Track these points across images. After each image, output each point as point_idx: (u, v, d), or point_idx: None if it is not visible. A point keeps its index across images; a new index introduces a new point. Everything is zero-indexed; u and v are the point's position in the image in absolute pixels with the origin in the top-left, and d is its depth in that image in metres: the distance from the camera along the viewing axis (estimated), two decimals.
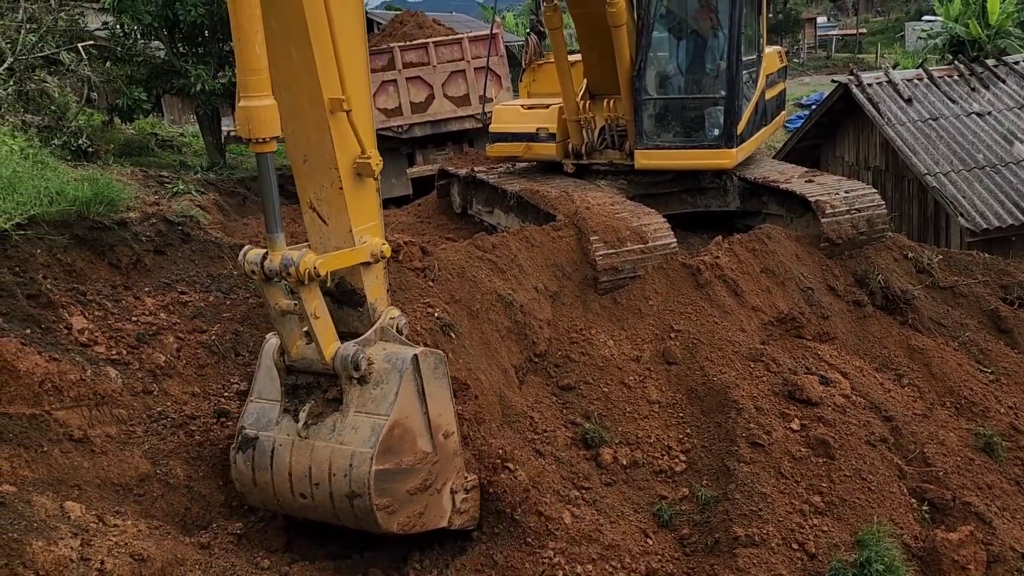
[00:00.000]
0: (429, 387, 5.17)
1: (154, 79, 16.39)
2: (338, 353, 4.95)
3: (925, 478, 6.99)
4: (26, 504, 4.55)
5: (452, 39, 15.92)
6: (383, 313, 5.37)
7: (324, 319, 4.91)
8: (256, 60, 4.18)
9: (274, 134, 4.32)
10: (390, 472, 4.94)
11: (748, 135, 10.11)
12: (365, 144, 4.96)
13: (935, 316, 8.98)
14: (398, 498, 5.03)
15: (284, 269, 4.55)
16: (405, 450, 5.08)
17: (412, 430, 5.12)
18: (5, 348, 5.38)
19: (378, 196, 5.33)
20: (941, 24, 27.33)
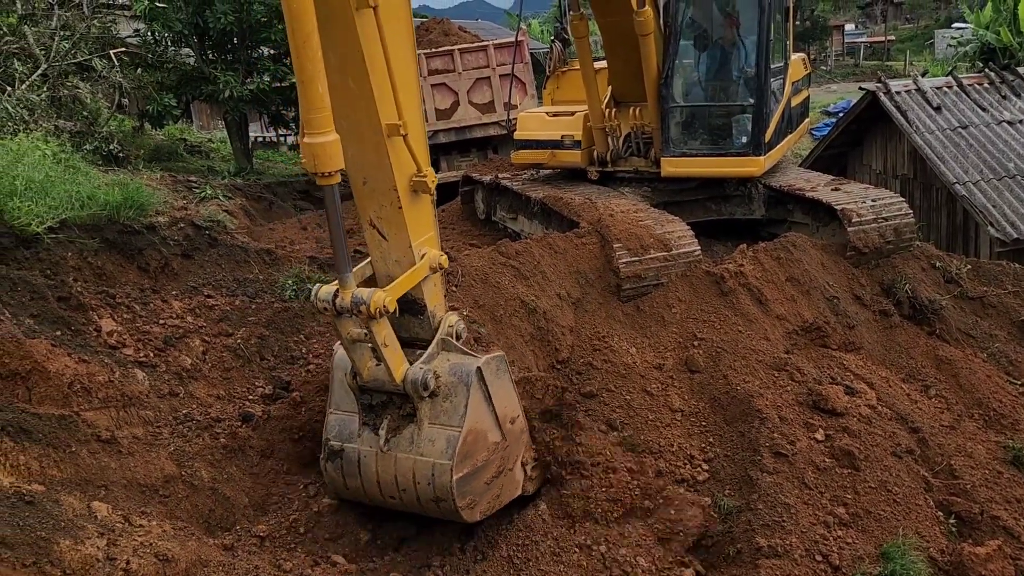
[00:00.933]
0: (493, 388, 5.50)
1: (184, 85, 16.63)
2: (408, 376, 5.21)
3: (952, 491, 6.89)
4: (54, 503, 4.62)
5: (477, 46, 16.00)
6: (442, 319, 5.56)
7: (393, 346, 5.16)
8: (319, 99, 4.34)
9: (338, 167, 4.51)
10: (468, 475, 5.35)
11: (775, 143, 10.07)
12: (421, 163, 5.14)
13: (963, 327, 8.86)
14: (478, 492, 5.46)
15: (355, 307, 4.83)
16: (479, 450, 5.46)
17: (484, 431, 5.49)
18: (36, 349, 5.48)
19: (433, 208, 5.49)
20: (971, 31, 27.00)
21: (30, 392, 5.38)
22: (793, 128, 11.14)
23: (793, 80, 10.87)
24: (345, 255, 4.87)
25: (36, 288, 6.20)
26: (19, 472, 4.87)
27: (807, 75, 12.39)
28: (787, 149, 11.15)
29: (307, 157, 4.47)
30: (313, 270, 7.68)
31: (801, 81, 11.78)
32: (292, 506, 5.89)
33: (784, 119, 10.42)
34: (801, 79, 11.72)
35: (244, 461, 5.94)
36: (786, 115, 10.50)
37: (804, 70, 12.07)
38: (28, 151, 7.73)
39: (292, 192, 16.92)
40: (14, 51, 13.00)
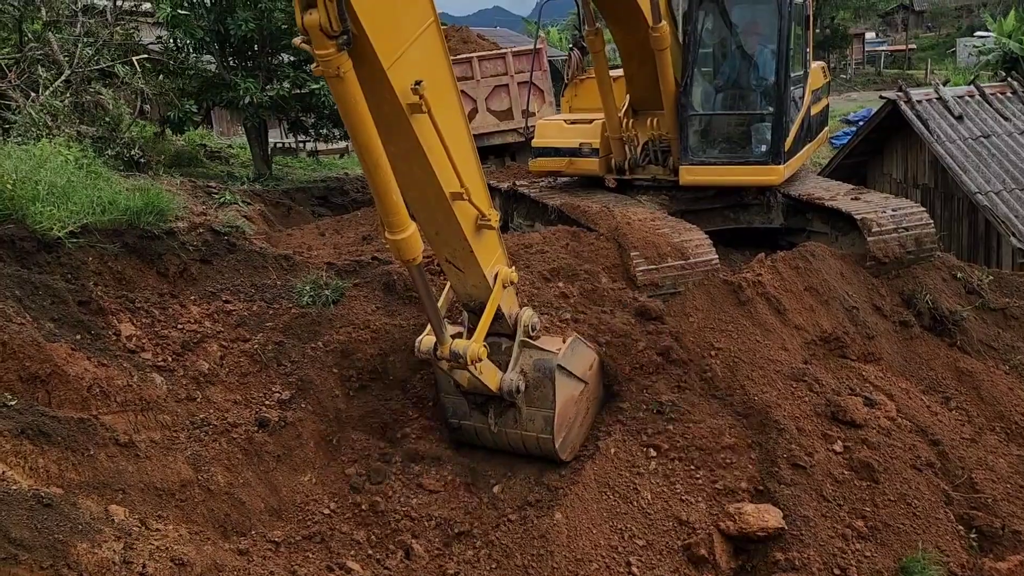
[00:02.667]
0: (572, 364, 6.61)
1: (204, 92, 16.77)
2: (503, 387, 6.28)
3: (973, 505, 6.79)
4: (72, 506, 4.65)
5: (496, 54, 16.05)
6: (518, 316, 6.40)
7: (488, 371, 6.14)
8: (395, 206, 4.92)
9: (419, 253, 5.17)
10: (565, 436, 6.59)
11: (795, 151, 10.01)
12: (484, 211, 5.74)
13: (985, 338, 8.76)
14: (573, 439, 6.71)
15: (455, 359, 5.84)
16: (569, 412, 6.63)
17: (571, 396, 6.63)
18: (56, 353, 5.53)
19: (498, 233, 6.15)
20: (994, 40, 26.78)
21: (50, 395, 5.43)
22: (813, 137, 11.08)
23: (813, 89, 10.81)
24: (441, 323, 5.79)
25: (57, 292, 6.26)
26: (38, 475, 4.91)
27: (827, 84, 12.32)
28: (807, 158, 11.08)
29: (393, 251, 5.15)
30: (331, 276, 7.69)
31: (821, 90, 11.71)
32: (308, 511, 5.90)
33: (804, 128, 10.36)
34: (821, 88, 11.66)
35: (260, 466, 5.95)
36: (806, 124, 10.44)
37: (824, 79, 12.01)
38: (51, 156, 7.82)
39: (310, 198, 17.01)
40: (38, 57, 13.17)
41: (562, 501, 6.15)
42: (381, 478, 6.28)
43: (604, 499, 6.25)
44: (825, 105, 12.23)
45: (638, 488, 6.36)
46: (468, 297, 6.20)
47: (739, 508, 6.23)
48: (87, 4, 14.82)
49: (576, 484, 6.27)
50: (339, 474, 6.26)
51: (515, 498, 6.30)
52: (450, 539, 5.96)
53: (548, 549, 5.82)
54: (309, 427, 6.37)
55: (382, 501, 6.08)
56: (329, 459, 6.34)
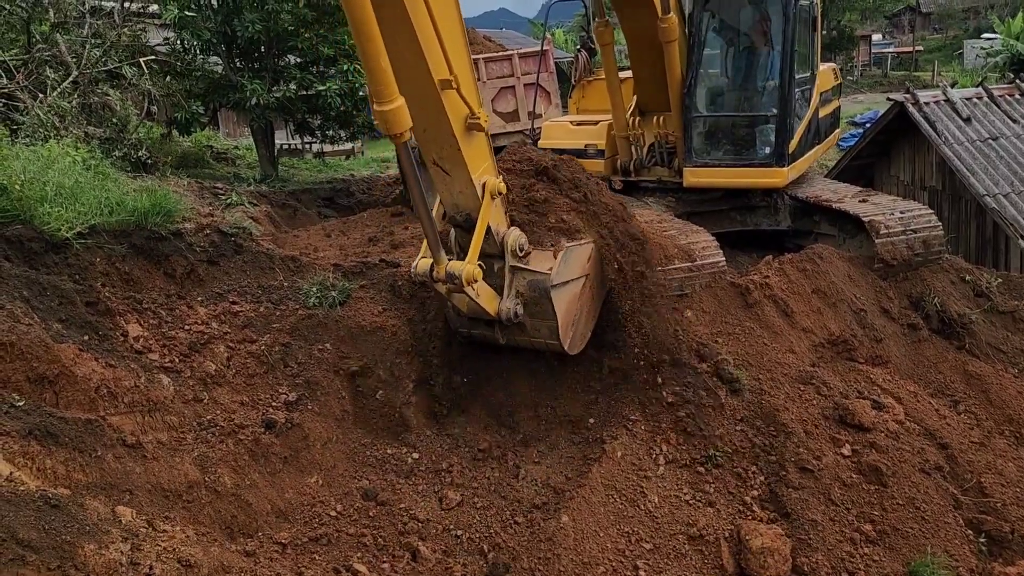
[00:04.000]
0: (566, 276, 6.59)
1: (211, 93, 16.80)
2: (500, 314, 6.39)
3: (982, 509, 6.76)
4: (79, 507, 4.65)
5: (502, 55, 16.01)
6: (506, 235, 6.39)
7: (485, 294, 6.24)
8: (383, 73, 4.95)
9: (407, 127, 5.18)
10: (572, 335, 6.76)
11: (800, 154, 9.98)
12: (473, 107, 5.77)
13: (993, 341, 8.72)
14: (580, 334, 6.90)
15: (450, 280, 5.94)
16: (573, 312, 6.74)
17: (570, 299, 6.68)
18: (64, 354, 5.53)
19: (488, 140, 6.15)
20: (1001, 42, 26.69)
21: (57, 396, 5.43)
22: (821, 139, 11.03)
23: (821, 91, 10.77)
24: (435, 237, 5.83)
25: (65, 293, 6.27)
26: (45, 476, 4.91)
27: (837, 86, 12.27)
28: (814, 160, 11.04)
29: (379, 122, 5.12)
30: (337, 277, 7.69)
31: (831, 91, 11.67)
32: (314, 513, 5.90)
33: (811, 130, 10.32)
34: (830, 89, 11.61)
35: (267, 468, 5.95)
36: (813, 126, 10.40)
37: (834, 80, 11.96)
38: (58, 157, 7.83)
39: (317, 199, 17.01)
40: (46, 58, 13.19)
41: (569, 504, 6.14)
42: (388, 480, 6.27)
43: (611, 502, 6.23)
44: (836, 107, 12.18)
45: (645, 491, 6.34)
46: (456, 208, 6.21)
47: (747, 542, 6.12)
48: (95, 6, 14.84)
49: (583, 487, 6.25)
50: (346, 476, 6.25)
51: (523, 500, 6.29)
52: (456, 541, 5.95)
53: (555, 552, 5.81)
54: (316, 429, 6.36)
55: (389, 503, 6.07)
56: (336, 461, 6.33)
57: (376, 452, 6.48)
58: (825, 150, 11.80)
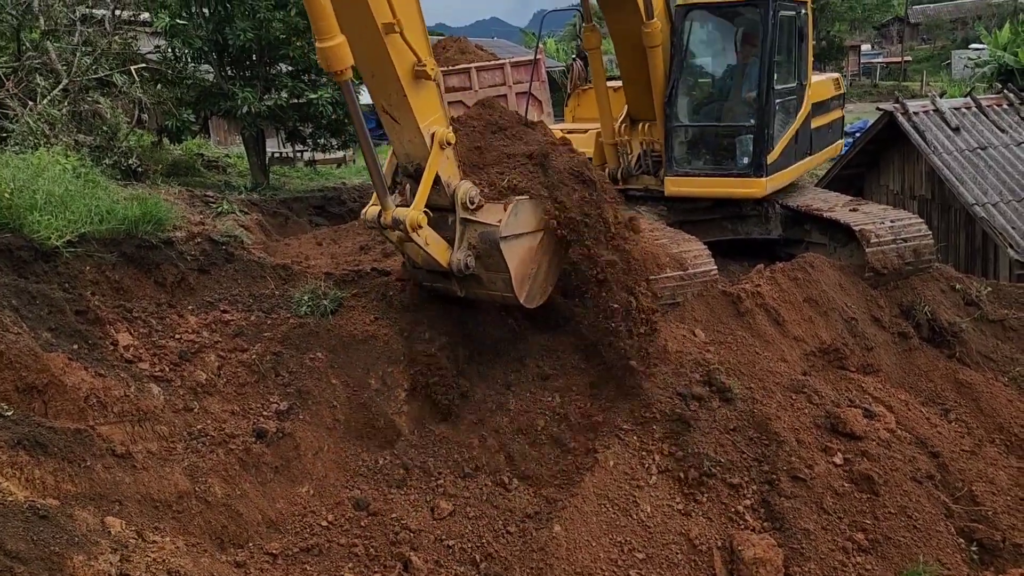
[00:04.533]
0: (518, 228, 6.54)
1: (202, 101, 16.76)
2: (451, 266, 6.44)
3: (973, 517, 6.78)
4: (68, 518, 4.61)
5: (494, 64, 16.07)
6: (457, 187, 6.39)
7: (434, 241, 6.30)
8: (323, 10, 5.09)
9: (348, 64, 5.32)
10: (529, 288, 6.79)
11: (785, 164, 9.98)
12: (420, 54, 5.82)
13: (984, 350, 8.76)
14: (540, 285, 6.92)
15: (396, 226, 6.04)
16: (529, 266, 6.74)
17: (527, 253, 6.69)
18: (53, 363, 5.49)
19: (439, 92, 6.21)
20: (988, 52, 26.92)
21: (46, 406, 5.39)
22: (813, 149, 11.05)
23: (816, 101, 10.80)
24: (382, 182, 6.03)
25: (54, 301, 6.22)
26: (34, 486, 4.87)
27: (838, 96, 12.22)
28: (805, 170, 11.08)
29: (321, 60, 5.28)
30: (329, 286, 7.66)
31: (831, 102, 11.70)
32: (305, 523, 5.86)
33: (798, 141, 10.34)
34: (830, 99, 11.63)
35: (258, 477, 5.91)
36: (802, 136, 10.43)
37: (834, 91, 11.96)
38: (48, 165, 7.79)
39: (308, 207, 16.97)
40: (36, 66, 13.15)
41: (561, 514, 6.12)
42: (380, 490, 6.24)
43: (603, 512, 6.22)
44: (836, 118, 12.14)
45: (637, 501, 6.33)
46: (407, 158, 6.33)
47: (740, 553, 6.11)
48: (85, 13, 14.81)
49: (575, 496, 6.24)
50: (337, 485, 6.22)
51: (515, 510, 6.27)
52: (448, 551, 5.92)
53: (547, 562, 5.79)
54: (307, 438, 6.33)
55: (381, 513, 6.04)
56: (327, 470, 6.30)
57: (368, 462, 6.45)
58: (822, 160, 11.83)
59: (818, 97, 10.88)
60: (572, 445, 6.84)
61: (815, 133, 10.92)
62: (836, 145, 12.31)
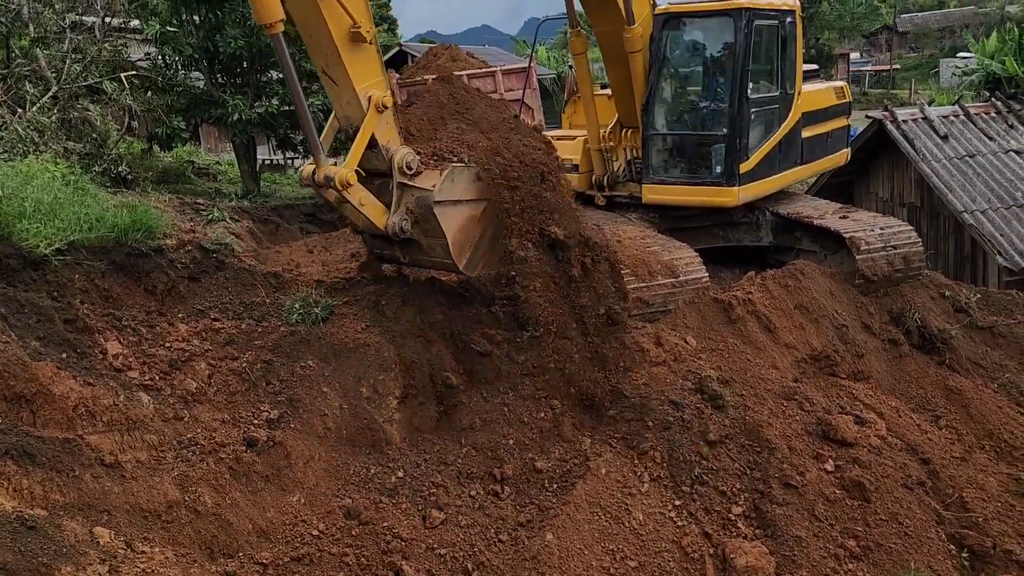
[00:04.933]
0: (454, 195, 6.65)
1: (193, 108, 16.72)
2: (387, 229, 6.62)
3: (964, 524, 6.80)
4: (56, 528, 4.57)
5: (485, 72, 16.08)
6: (395, 152, 6.51)
7: (369, 203, 6.51)
8: None
9: (278, 18, 5.54)
10: (470, 256, 6.89)
11: (764, 173, 9.98)
12: (355, 17, 5.98)
13: (973, 356, 8.80)
14: (484, 254, 6.97)
15: (328, 183, 6.26)
16: (470, 234, 6.82)
17: (464, 220, 6.76)
18: (42, 372, 5.45)
19: (377, 54, 6.42)
20: (976, 61, 27.11)
21: (35, 415, 5.34)
22: (807, 158, 10.94)
23: (811, 109, 10.72)
24: (316, 140, 6.23)
25: (43, 310, 6.18)
26: (22, 496, 4.82)
27: (841, 104, 12.05)
28: (796, 179, 11.09)
29: (254, 13, 5.55)
30: (320, 293, 7.64)
31: (834, 110, 11.61)
32: (296, 533, 5.82)
33: (784, 149, 10.28)
34: (829, 108, 11.54)
35: (248, 487, 5.87)
36: (789, 145, 10.35)
37: (835, 99, 11.85)
38: (37, 173, 7.75)
39: (299, 215, 16.93)
40: (26, 73, 13.09)
41: (553, 522, 6.11)
42: (371, 498, 6.21)
43: (596, 520, 6.21)
44: (838, 127, 11.98)
45: (630, 509, 6.32)
46: (347, 120, 6.52)
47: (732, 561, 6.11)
48: (75, 20, 14.76)
49: (568, 504, 6.23)
50: (328, 494, 6.18)
51: (507, 518, 6.25)
52: (440, 560, 5.90)
53: (539, 571, 5.77)
54: (298, 447, 6.29)
55: (372, 522, 6.00)
56: (318, 479, 6.26)
57: (359, 470, 6.42)
58: (819, 170, 11.77)
59: (812, 106, 10.87)
60: (565, 454, 6.83)
61: (808, 142, 10.89)
62: (839, 154, 12.18)
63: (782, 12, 10.03)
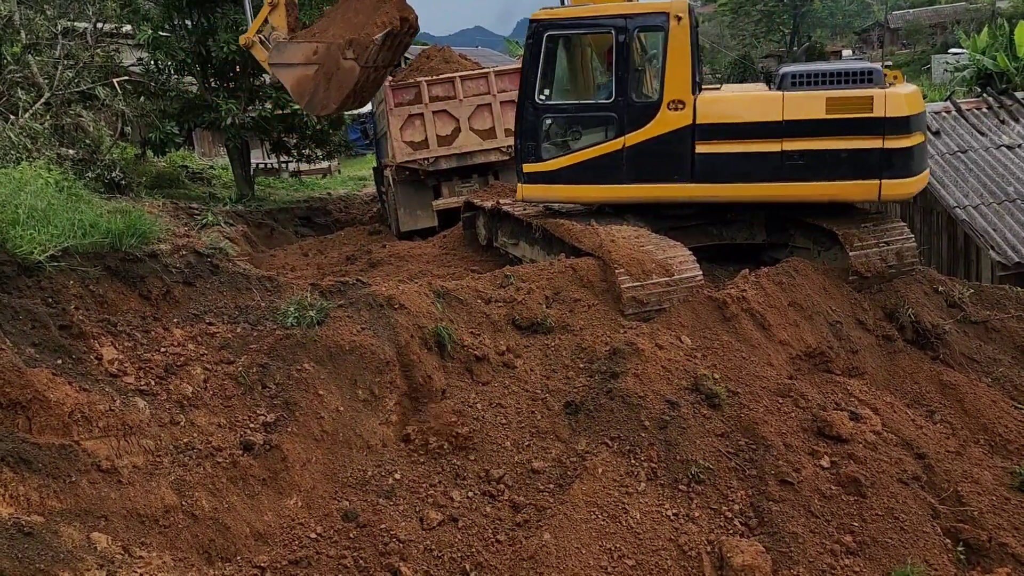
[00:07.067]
0: (284, 59, 11.42)
1: (186, 113, 16.74)
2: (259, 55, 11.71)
3: (959, 518, 6.82)
4: (53, 535, 4.58)
5: (478, 73, 16.10)
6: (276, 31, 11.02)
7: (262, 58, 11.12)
8: None
9: None
10: (311, 101, 11.43)
11: (573, 180, 9.78)
12: None
13: (967, 351, 8.83)
14: (318, 102, 11.47)
15: (246, 45, 11.42)
16: (307, 86, 11.22)
17: (304, 77, 11.28)
18: (37, 378, 5.45)
19: None
20: (968, 57, 27.18)
21: (30, 422, 5.35)
22: (703, 178, 9.53)
23: (728, 122, 9.38)
24: (253, 16, 10.07)
25: (37, 316, 6.18)
26: (18, 503, 4.83)
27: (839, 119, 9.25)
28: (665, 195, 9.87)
29: None
30: (315, 297, 7.65)
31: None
32: (294, 535, 5.84)
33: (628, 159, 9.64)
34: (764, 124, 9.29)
35: (245, 490, 5.88)
36: (640, 156, 9.60)
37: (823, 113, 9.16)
38: (31, 179, 7.74)
39: (293, 218, 16.96)
40: (18, 80, 13.09)
41: (551, 521, 6.13)
42: (368, 500, 6.22)
43: (593, 519, 6.22)
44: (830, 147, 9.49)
45: (627, 507, 6.34)
46: None
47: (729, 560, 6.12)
48: (67, 26, 14.76)
49: (565, 504, 6.24)
50: (326, 497, 6.20)
51: (504, 519, 6.26)
52: (438, 561, 5.91)
53: (537, 571, 5.79)
54: (295, 449, 6.31)
55: (370, 524, 6.02)
56: (315, 482, 6.27)
57: (356, 472, 6.43)
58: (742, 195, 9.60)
59: (730, 119, 9.42)
60: (561, 454, 6.85)
61: (722, 159, 9.39)
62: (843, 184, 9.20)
63: (609, 20, 9.56)
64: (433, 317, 7.66)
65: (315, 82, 10.93)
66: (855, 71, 9.08)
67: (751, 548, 6.09)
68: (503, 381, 7.47)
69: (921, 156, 9.42)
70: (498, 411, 7.18)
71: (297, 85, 11.00)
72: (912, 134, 9.02)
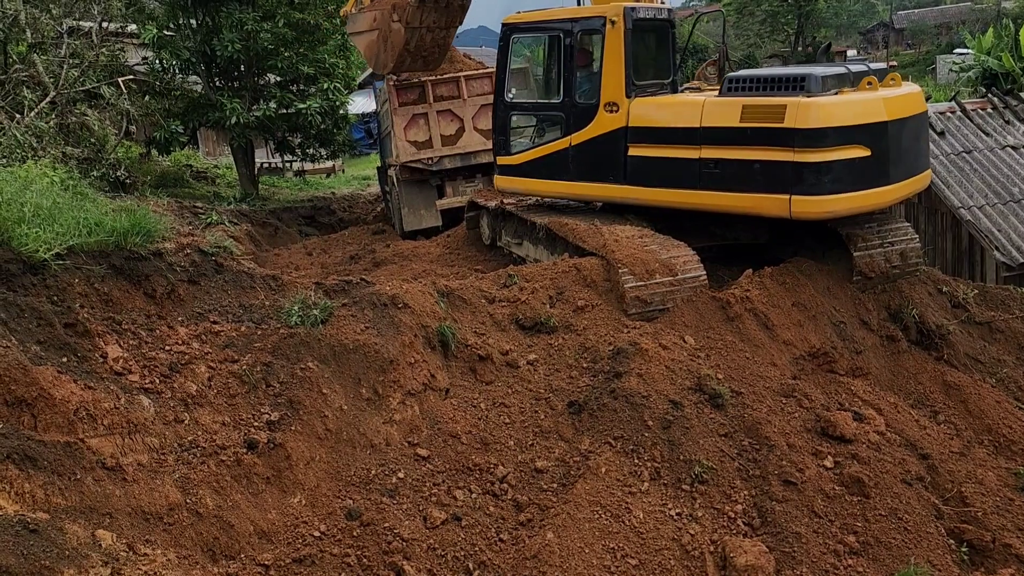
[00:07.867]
0: (355, 28, 13.12)
1: (191, 112, 16.78)
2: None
3: (963, 519, 6.82)
4: (58, 532, 4.59)
5: (482, 73, 16.11)
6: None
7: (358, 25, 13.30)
8: None
9: None
10: (375, 63, 13.30)
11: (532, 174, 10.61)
12: None
13: (971, 352, 8.82)
14: (380, 62, 13.14)
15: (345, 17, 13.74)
16: (373, 49, 12.80)
17: (369, 43, 12.74)
18: (42, 376, 5.47)
19: None
20: (973, 57, 27.10)
21: (36, 419, 5.36)
22: (636, 180, 9.67)
23: (662, 126, 9.36)
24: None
25: (43, 314, 6.20)
26: (24, 500, 4.84)
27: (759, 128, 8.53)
28: (600, 195, 10.28)
29: None
30: (319, 295, 7.66)
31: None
32: (297, 534, 5.85)
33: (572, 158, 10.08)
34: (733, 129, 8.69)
35: (249, 488, 5.90)
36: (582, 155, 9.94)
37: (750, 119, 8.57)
38: (36, 178, 7.78)
39: (297, 217, 16.98)
40: (23, 79, 13.13)
41: (554, 520, 6.13)
42: (372, 499, 6.23)
43: (596, 518, 6.23)
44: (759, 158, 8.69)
45: (630, 507, 6.34)
46: None
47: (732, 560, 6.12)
48: (73, 26, 14.80)
49: (568, 503, 6.25)
50: (329, 495, 6.21)
51: (507, 518, 6.27)
52: (441, 560, 5.92)
53: (540, 570, 5.79)
54: (299, 448, 6.32)
55: (373, 522, 6.03)
56: (319, 480, 6.29)
57: (360, 471, 6.44)
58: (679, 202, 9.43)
59: (664, 123, 9.33)
60: (565, 453, 6.86)
61: (652, 163, 9.37)
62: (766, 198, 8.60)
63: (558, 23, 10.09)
64: (437, 316, 7.68)
65: (378, 45, 12.64)
66: (788, 77, 8.49)
67: (754, 548, 6.09)
68: (506, 380, 7.49)
69: (849, 172, 8.28)
70: (501, 410, 7.19)
71: (367, 50, 12.98)
72: (831, 148, 8.09)
